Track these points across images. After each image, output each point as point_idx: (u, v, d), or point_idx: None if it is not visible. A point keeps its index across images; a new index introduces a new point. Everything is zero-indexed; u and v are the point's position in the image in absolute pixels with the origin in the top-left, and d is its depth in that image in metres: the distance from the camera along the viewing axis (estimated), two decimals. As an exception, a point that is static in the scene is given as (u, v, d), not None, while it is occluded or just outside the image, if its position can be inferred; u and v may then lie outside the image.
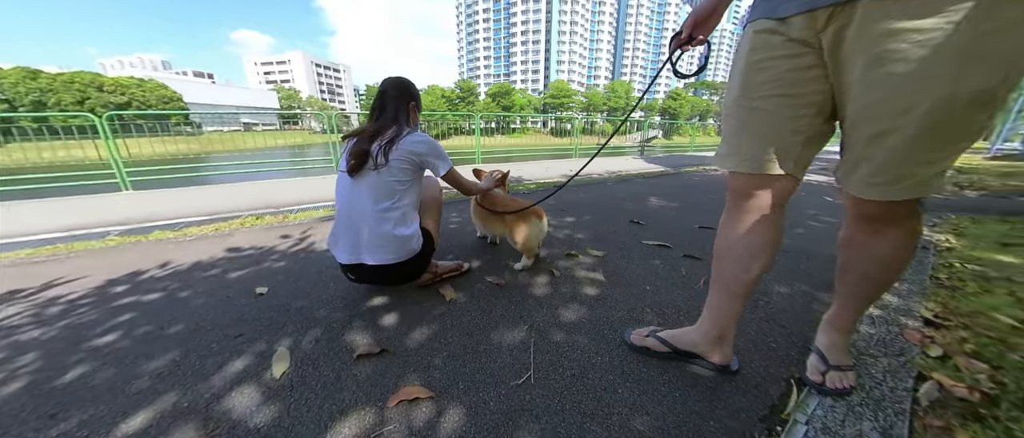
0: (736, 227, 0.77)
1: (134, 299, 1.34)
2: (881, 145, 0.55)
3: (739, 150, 0.71)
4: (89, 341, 1.07)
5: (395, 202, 1.10)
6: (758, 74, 0.65)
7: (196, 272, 1.57)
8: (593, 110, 54.11)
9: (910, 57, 0.47)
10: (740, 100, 0.69)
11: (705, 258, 1.61)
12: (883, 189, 0.59)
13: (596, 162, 6.84)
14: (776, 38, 0.62)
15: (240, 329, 1.10)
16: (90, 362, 0.98)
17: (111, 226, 2.72)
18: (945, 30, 0.45)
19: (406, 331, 1.05)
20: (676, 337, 0.91)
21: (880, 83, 0.51)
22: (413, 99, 1.23)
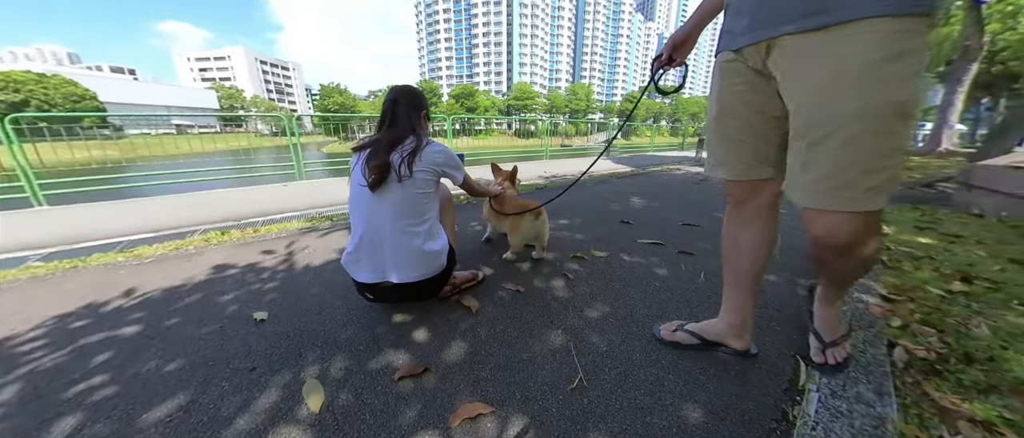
0: (736, 228, 0.91)
1: (105, 336, 1.17)
2: (819, 150, 0.61)
3: (726, 161, 0.84)
4: (60, 392, 0.92)
5: (423, 216, 1.07)
6: (729, 96, 0.78)
7: (174, 299, 1.40)
8: (556, 112, 55.53)
9: (834, 75, 0.57)
10: (719, 119, 0.81)
11: (697, 253, 1.75)
12: (828, 195, 0.62)
13: (568, 163, 7.05)
14: (738, 66, 0.74)
15: (251, 361, 1.00)
16: (71, 416, 0.84)
17: (28, 250, 2.32)
18: (858, 55, 0.54)
19: (441, 346, 1.03)
20: (703, 329, 0.99)
21: (813, 97, 0.60)
22: (425, 108, 1.21)
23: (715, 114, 0.82)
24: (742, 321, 0.94)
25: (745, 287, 0.91)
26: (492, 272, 1.52)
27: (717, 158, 0.86)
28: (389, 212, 1.03)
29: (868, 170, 0.58)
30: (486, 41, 75.58)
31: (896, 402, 0.81)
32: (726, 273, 0.95)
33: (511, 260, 1.63)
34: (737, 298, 0.93)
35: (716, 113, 0.81)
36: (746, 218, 0.87)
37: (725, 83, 0.78)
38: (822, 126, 0.59)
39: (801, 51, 0.61)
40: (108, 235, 2.55)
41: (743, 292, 0.91)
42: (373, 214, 1.04)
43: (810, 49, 0.59)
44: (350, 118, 13.20)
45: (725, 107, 0.79)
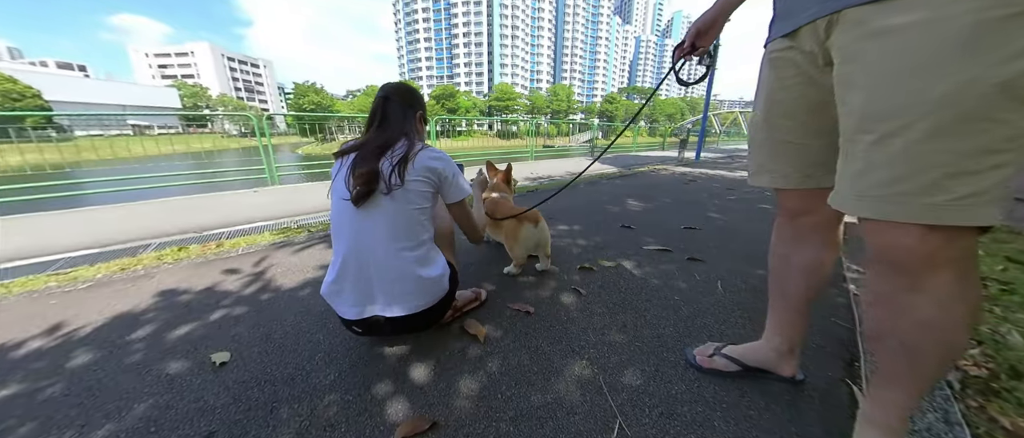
0: (789, 244, 0.78)
1: (17, 390, 0.92)
2: (891, 146, 0.46)
3: (776, 167, 0.71)
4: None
5: (419, 237, 0.89)
6: (782, 93, 0.66)
7: (111, 337, 1.15)
8: (537, 112, 55.79)
9: (918, 47, 0.43)
10: (769, 119, 0.69)
11: (707, 260, 1.66)
12: (900, 202, 0.46)
13: (554, 164, 6.98)
14: (793, 54, 0.62)
15: (208, 424, 0.79)
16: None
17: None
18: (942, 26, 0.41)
19: (448, 390, 0.86)
20: (744, 355, 0.88)
21: (888, 78, 0.46)
22: (422, 108, 1.03)
23: (763, 113, 0.70)
24: (790, 347, 0.83)
25: (796, 310, 0.80)
26: (494, 289, 1.37)
27: (765, 163, 0.73)
28: (378, 231, 0.84)
29: (961, 172, 0.43)
30: (466, 41, 75.07)
31: (969, 432, 0.72)
32: (773, 292, 0.84)
33: (515, 274, 1.48)
34: (785, 321, 0.82)
35: (764, 112, 0.70)
36: (802, 233, 0.75)
37: (776, 76, 0.66)
38: (898, 115, 0.45)
39: (875, 21, 0.47)
40: (44, 252, 2.20)
41: (793, 315, 0.81)
42: (359, 234, 0.85)
43: (887, 16, 0.46)
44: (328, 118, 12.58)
45: (776, 104, 0.67)
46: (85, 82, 46.32)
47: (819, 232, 0.74)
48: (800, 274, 0.77)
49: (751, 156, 0.77)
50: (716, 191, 3.61)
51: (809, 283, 0.76)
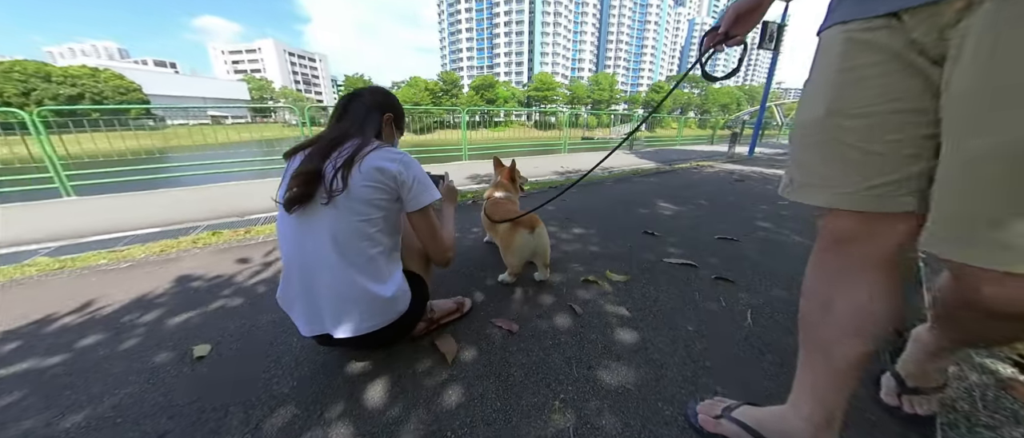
0: (835, 283, 0.58)
1: (30, 366, 1.01)
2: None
3: (832, 180, 0.53)
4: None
5: (367, 248, 0.78)
6: (857, 86, 0.49)
7: (123, 319, 1.23)
8: (577, 103, 54.06)
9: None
10: (833, 117, 0.52)
11: (739, 282, 1.41)
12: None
13: (586, 159, 6.65)
14: (880, 37, 0.47)
15: (167, 423, 0.79)
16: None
17: (42, 243, 2.29)
18: None
19: (397, 419, 0.77)
20: (763, 423, 0.69)
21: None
22: (391, 110, 0.93)
23: (823, 113, 0.52)
24: (827, 415, 0.62)
25: (841, 373, 0.59)
26: (483, 299, 1.27)
27: (817, 173, 0.55)
28: (321, 243, 0.75)
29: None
30: (507, 31, 74.41)
31: None
32: (807, 347, 0.63)
33: (508, 283, 1.36)
34: (825, 383, 0.61)
35: (825, 110, 0.52)
36: (852, 268, 0.56)
37: (851, 64, 0.50)
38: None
39: None
40: (117, 229, 2.51)
41: (837, 377, 0.60)
42: (301, 245, 0.77)
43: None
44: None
45: (848, 99, 0.50)
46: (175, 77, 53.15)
47: (880, 269, 0.54)
48: (845, 324, 0.57)
49: (795, 165, 0.58)
50: (767, 194, 3.16)
51: (861, 335, 0.56)
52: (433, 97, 46.23)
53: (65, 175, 4.03)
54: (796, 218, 2.35)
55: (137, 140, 7.03)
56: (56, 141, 4.18)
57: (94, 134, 5.41)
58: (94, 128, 5.65)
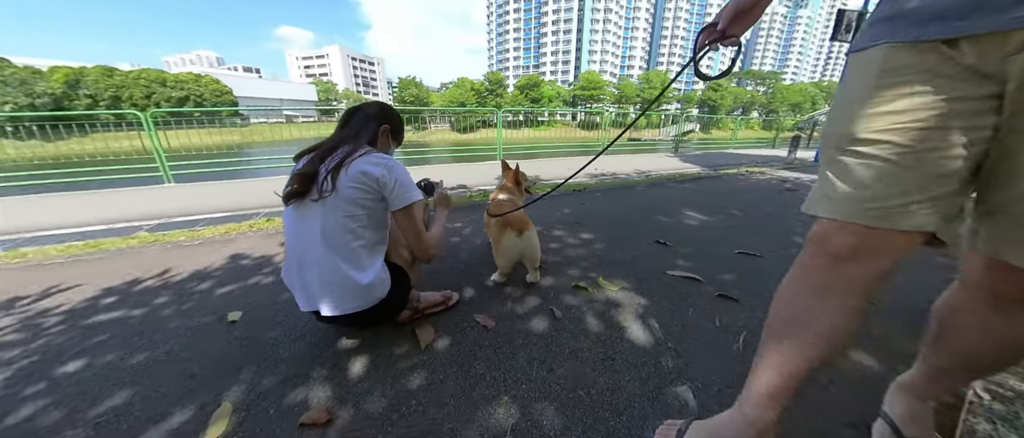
0: (817, 296, 0.58)
1: (117, 315, 1.30)
2: None
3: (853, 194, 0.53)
4: (54, 369, 1.02)
5: (350, 241, 0.90)
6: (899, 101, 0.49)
7: (186, 285, 1.52)
8: (625, 102, 51.91)
9: None
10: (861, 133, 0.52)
11: (744, 301, 1.32)
12: None
13: (625, 161, 6.43)
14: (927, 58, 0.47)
15: (198, 367, 0.99)
16: (45, 398, 0.91)
17: (144, 220, 2.83)
18: None
19: (366, 390, 0.89)
20: (714, 433, 0.68)
21: None
22: (388, 122, 1.05)
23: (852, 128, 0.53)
24: (772, 421, 0.62)
25: (797, 377, 0.59)
26: (472, 295, 1.34)
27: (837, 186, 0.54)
28: (313, 234, 0.89)
29: None
30: (555, 29, 73.71)
31: None
32: (766, 351, 0.63)
33: (498, 282, 1.42)
34: (777, 387, 0.61)
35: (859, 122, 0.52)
36: (840, 285, 0.56)
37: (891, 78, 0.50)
38: None
39: None
40: (203, 211, 3.03)
41: (786, 388, 0.60)
42: (298, 234, 0.92)
43: None
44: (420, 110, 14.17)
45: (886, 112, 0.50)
46: (259, 81, 60.79)
47: (867, 287, 0.55)
48: (817, 335, 0.58)
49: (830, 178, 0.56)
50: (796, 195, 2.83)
51: (830, 344, 0.58)
52: (478, 97, 47.41)
53: (168, 165, 4.88)
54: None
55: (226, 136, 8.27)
56: (162, 136, 5.07)
57: (193, 131, 6.48)
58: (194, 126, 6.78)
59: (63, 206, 3.37)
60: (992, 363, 0.63)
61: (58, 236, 2.48)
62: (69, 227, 2.74)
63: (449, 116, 23.67)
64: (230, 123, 12.71)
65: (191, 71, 38.77)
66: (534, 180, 2.01)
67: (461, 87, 47.96)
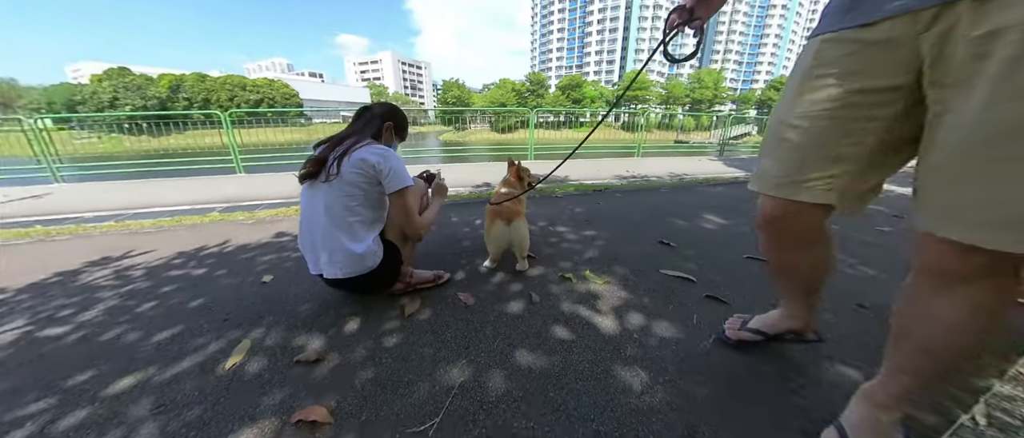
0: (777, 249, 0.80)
1: (184, 273, 1.62)
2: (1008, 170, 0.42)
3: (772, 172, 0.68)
4: (136, 307, 1.32)
5: (347, 216, 1.07)
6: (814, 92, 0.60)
7: (238, 254, 1.83)
8: (673, 103, 49.20)
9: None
10: (785, 117, 0.65)
11: (734, 303, 1.29)
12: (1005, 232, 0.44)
13: (662, 163, 6.19)
14: (852, 48, 0.55)
15: (233, 313, 1.24)
16: (127, 325, 1.20)
17: (218, 203, 3.37)
18: None
19: (352, 343, 1.05)
20: (765, 323, 0.97)
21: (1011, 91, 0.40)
22: (392, 120, 1.22)
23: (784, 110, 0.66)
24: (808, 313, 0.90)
25: (808, 293, 0.86)
26: (462, 276, 1.47)
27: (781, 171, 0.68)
28: (318, 208, 1.07)
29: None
30: (600, 29, 71.94)
31: None
32: (779, 285, 0.91)
33: (489, 268, 1.53)
34: (799, 300, 0.89)
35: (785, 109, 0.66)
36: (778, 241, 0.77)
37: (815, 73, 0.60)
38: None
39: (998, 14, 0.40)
40: (262, 198, 3.52)
41: (805, 296, 0.87)
42: (309, 207, 1.11)
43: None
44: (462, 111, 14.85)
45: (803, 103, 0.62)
46: (321, 85, 67.07)
47: (808, 235, 0.72)
48: (802, 276, 0.81)
49: (760, 161, 0.73)
50: (866, 215, 2.55)
51: (816, 278, 0.81)
52: (519, 97, 47.84)
53: (240, 158, 5.65)
54: (881, 250, 1.90)
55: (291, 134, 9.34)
56: (237, 133, 5.88)
57: (263, 129, 7.42)
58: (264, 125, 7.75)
59: (160, 189, 4.10)
60: (945, 358, 0.60)
61: (154, 213, 3.05)
62: (162, 206, 3.34)
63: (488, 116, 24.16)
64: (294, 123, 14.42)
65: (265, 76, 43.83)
66: (537, 177, 2.09)
67: (502, 88, 48.71)
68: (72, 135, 12.22)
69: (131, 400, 0.87)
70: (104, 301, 1.39)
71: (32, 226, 2.68)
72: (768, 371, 0.93)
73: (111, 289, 1.50)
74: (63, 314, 1.31)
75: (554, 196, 3.09)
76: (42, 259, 1.88)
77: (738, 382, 0.90)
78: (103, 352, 1.07)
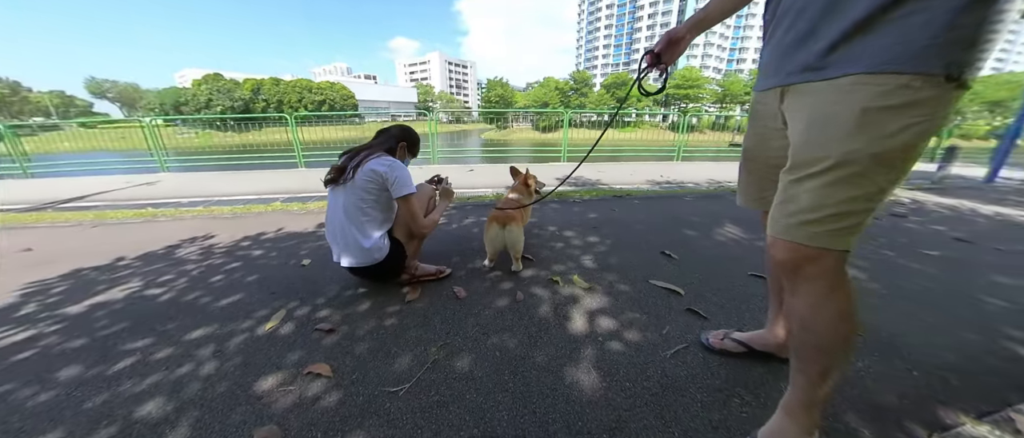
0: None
1: (245, 253, 2.01)
2: (803, 186, 0.62)
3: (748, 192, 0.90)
4: (207, 281, 1.69)
5: (359, 216, 1.30)
6: (754, 136, 0.83)
7: (288, 240, 2.21)
8: (730, 102, 45.38)
9: (823, 121, 0.59)
10: (746, 152, 0.87)
11: (713, 318, 1.30)
12: (796, 229, 0.63)
13: (702, 168, 5.91)
14: (762, 107, 0.78)
15: (277, 289, 1.55)
16: (201, 291, 1.57)
17: (281, 194, 3.94)
18: (842, 109, 0.57)
19: (359, 319, 1.29)
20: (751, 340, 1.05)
21: (807, 137, 0.62)
22: (406, 140, 1.45)
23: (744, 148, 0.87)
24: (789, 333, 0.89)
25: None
26: (462, 273, 1.65)
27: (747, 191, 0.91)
28: (338, 207, 1.32)
29: (838, 213, 0.59)
30: (651, 23, 68.43)
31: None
32: (771, 292, 1.00)
33: (487, 267, 1.69)
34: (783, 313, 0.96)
35: (744, 147, 0.87)
36: None
37: (753, 121, 0.83)
38: (809, 165, 0.61)
39: (804, 97, 0.64)
40: (311, 190, 4.05)
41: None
42: (333, 205, 1.36)
43: (811, 95, 0.62)
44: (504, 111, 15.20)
45: (749, 136, 0.85)
46: (374, 87, 72.17)
47: None
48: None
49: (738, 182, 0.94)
50: (923, 235, 2.29)
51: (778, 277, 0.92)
52: (562, 96, 47.35)
53: (302, 154, 6.41)
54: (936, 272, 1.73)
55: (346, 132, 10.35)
56: (301, 132, 6.68)
57: (323, 127, 8.33)
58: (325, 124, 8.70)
59: (237, 180, 4.85)
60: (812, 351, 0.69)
61: (231, 201, 3.66)
62: (238, 194, 3.99)
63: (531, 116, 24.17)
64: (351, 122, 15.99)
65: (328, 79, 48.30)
66: (542, 185, 2.21)
67: (545, 87, 48.51)
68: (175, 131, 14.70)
69: (200, 345, 1.18)
70: (189, 272, 1.79)
71: (144, 208, 3.39)
72: (716, 385, 0.98)
73: (194, 262, 1.91)
74: (162, 279, 1.73)
75: (571, 201, 3.16)
76: (151, 235, 2.42)
77: (683, 391, 0.97)
78: (184, 309, 1.42)
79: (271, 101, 39.71)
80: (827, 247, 0.61)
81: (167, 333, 1.25)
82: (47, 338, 1.27)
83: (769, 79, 0.72)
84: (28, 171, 6.03)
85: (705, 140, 13.82)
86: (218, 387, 0.99)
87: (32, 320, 1.40)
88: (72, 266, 1.95)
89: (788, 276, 0.68)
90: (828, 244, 0.61)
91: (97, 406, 0.94)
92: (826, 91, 0.59)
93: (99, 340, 1.24)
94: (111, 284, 1.71)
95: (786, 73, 0.66)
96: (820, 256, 0.63)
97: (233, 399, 0.94)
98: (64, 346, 1.21)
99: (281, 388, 0.96)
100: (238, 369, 1.05)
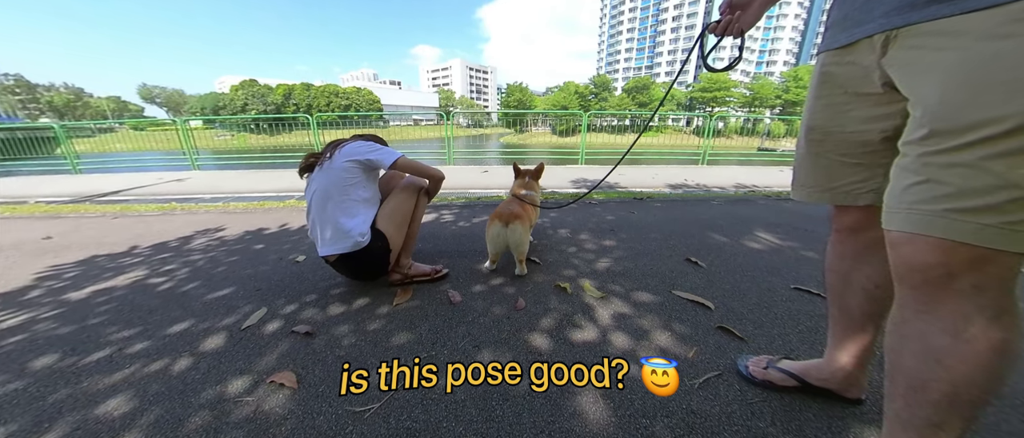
0: (850, 261, 0.73)
1: (244, 246, 1.96)
2: (960, 159, 0.43)
3: (818, 183, 0.70)
4: (209, 271, 1.65)
5: (340, 195, 1.22)
6: (827, 110, 0.64)
7: (288, 236, 2.15)
8: (760, 105, 43.36)
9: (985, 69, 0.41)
10: (810, 135, 0.68)
11: (752, 341, 1.08)
12: (961, 221, 0.43)
13: (729, 172, 5.56)
14: (845, 69, 0.60)
15: (264, 285, 1.47)
16: (198, 282, 1.52)
17: (297, 192, 3.98)
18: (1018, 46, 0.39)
19: (340, 322, 1.17)
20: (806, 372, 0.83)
21: (958, 97, 0.43)
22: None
23: (806, 129, 0.69)
24: (858, 364, 0.76)
25: (861, 328, 0.73)
26: (461, 275, 1.51)
27: (805, 179, 0.72)
28: (319, 191, 1.24)
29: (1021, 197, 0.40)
30: (675, 26, 66.84)
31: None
32: (834, 309, 0.78)
33: (489, 269, 1.54)
34: (850, 338, 0.75)
35: (807, 128, 0.69)
36: (862, 251, 0.71)
37: (824, 92, 0.64)
38: (970, 131, 0.42)
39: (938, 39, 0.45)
40: None
41: (859, 332, 0.74)
42: (310, 195, 1.27)
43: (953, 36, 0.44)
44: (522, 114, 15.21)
45: (820, 121, 0.66)
46: (398, 92, 74.44)
47: (883, 249, 0.61)
48: (863, 293, 0.72)
49: (794, 170, 0.75)
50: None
51: (875, 300, 0.71)
52: (581, 100, 46.90)
53: (320, 154, 6.57)
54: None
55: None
56: (327, 133, 6.86)
57: (348, 130, 8.58)
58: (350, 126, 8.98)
59: (260, 178, 4.99)
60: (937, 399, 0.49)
61: (248, 197, 3.73)
62: (257, 191, 4.06)
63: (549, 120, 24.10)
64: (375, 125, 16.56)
65: (355, 85, 50.23)
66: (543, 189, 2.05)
67: (565, 91, 48.22)
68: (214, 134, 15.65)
69: (179, 338, 1.11)
70: (193, 263, 1.76)
71: (169, 202, 3.48)
72: (760, 429, 0.78)
73: (199, 253, 1.89)
74: (165, 269, 1.71)
75: (589, 202, 2.98)
76: (169, 228, 2.45)
77: (716, 434, 0.77)
78: (176, 300, 1.37)
79: (301, 105, 41.66)
80: (1002, 248, 0.42)
81: (152, 325, 1.20)
82: (40, 324, 1.24)
83: (856, 28, 0.55)
84: (77, 168, 6.49)
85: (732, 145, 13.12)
86: (176, 391, 0.89)
87: (33, 304, 1.40)
88: (87, 254, 1.98)
89: (927, 287, 0.48)
90: (1004, 244, 0.42)
91: (59, 400, 0.87)
92: (984, 24, 0.41)
93: (86, 329, 1.20)
94: (117, 272, 1.70)
95: (894, 12, 0.49)
96: (989, 260, 0.44)
97: (187, 407, 0.83)
98: (51, 334, 1.17)
99: (238, 399, 0.85)
100: (203, 374, 0.95)
